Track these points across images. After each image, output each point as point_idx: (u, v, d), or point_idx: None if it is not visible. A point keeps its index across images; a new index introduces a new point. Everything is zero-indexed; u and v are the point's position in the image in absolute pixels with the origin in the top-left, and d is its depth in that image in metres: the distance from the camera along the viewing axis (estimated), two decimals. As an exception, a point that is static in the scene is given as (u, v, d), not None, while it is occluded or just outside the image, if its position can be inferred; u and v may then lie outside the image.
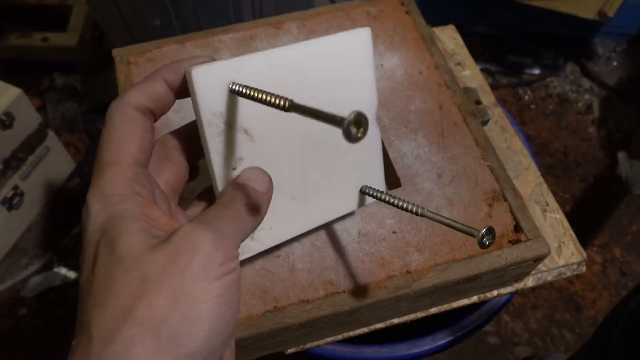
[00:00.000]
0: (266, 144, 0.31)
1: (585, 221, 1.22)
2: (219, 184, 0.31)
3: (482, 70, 1.44)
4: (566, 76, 1.47)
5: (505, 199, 0.46)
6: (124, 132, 0.27)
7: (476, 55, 1.47)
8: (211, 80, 0.28)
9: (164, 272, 0.23)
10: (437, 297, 0.45)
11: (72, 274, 1.07)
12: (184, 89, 0.29)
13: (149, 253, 0.23)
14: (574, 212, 1.23)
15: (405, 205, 0.34)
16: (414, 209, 0.33)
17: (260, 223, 0.29)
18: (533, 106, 1.40)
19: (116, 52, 0.54)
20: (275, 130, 0.31)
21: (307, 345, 0.45)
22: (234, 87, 0.28)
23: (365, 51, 0.35)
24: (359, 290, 0.40)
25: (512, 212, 0.45)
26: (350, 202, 0.38)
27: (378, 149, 0.39)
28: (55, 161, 1.16)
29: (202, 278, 0.23)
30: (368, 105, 0.36)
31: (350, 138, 0.21)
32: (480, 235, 0.30)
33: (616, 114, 1.40)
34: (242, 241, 0.27)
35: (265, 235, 0.34)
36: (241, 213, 0.27)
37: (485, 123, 0.57)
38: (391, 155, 0.48)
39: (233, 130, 0.30)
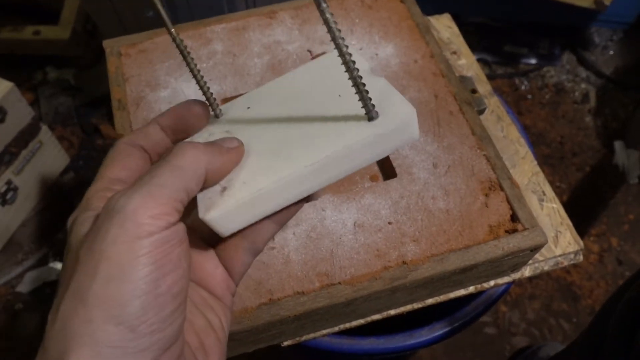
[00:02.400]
0: (246, 132, 0.31)
1: (582, 211, 1.22)
2: None
3: (478, 60, 1.43)
4: (562, 66, 1.46)
5: (502, 189, 0.45)
6: (110, 158, 0.29)
7: (472, 46, 1.46)
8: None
9: (88, 249, 0.23)
10: (434, 287, 0.44)
11: (67, 269, 1.07)
12: (180, 130, 0.31)
13: (84, 237, 0.24)
14: (570, 201, 1.23)
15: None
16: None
17: (203, 173, 0.26)
18: (529, 96, 1.40)
19: (107, 44, 0.54)
20: (254, 122, 0.32)
21: (304, 338, 0.44)
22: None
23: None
24: (355, 281, 0.40)
25: (508, 202, 0.45)
26: (355, 132, 0.29)
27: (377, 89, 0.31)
28: (49, 155, 1.15)
29: (122, 241, 0.23)
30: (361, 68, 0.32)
31: None
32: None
33: (613, 103, 1.39)
34: (182, 195, 0.25)
35: (237, 190, 0.28)
36: (173, 166, 0.25)
37: (481, 112, 0.57)
38: (386, 145, 0.47)
39: (216, 135, 0.31)
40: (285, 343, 0.44)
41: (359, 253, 0.41)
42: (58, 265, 1.07)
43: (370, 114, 0.29)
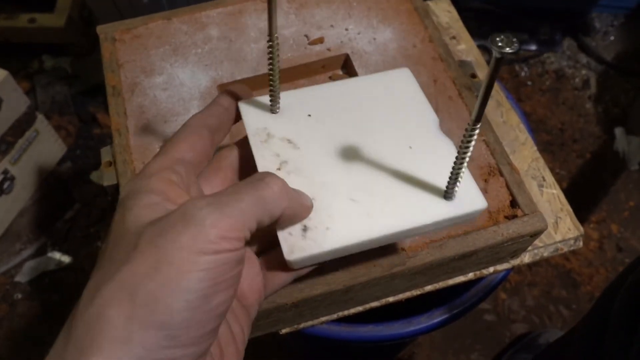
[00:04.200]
0: (311, 150, 0.33)
1: (582, 197, 1.22)
2: None
3: (478, 46, 1.42)
4: (563, 52, 1.45)
5: (502, 174, 0.45)
6: (181, 135, 0.30)
7: (472, 32, 1.44)
8: (255, 106, 0.34)
9: (151, 242, 0.23)
10: (433, 274, 0.44)
11: (66, 258, 1.06)
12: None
13: (148, 225, 0.24)
14: (570, 188, 1.23)
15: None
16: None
17: (279, 212, 0.27)
18: (529, 82, 1.39)
19: (100, 29, 0.53)
20: (318, 139, 0.34)
21: (302, 325, 0.44)
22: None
23: (412, 82, 0.39)
24: (353, 268, 0.39)
25: (508, 187, 0.44)
26: (432, 212, 0.32)
27: (449, 157, 0.33)
28: (46, 145, 1.14)
29: (189, 250, 0.23)
30: (430, 120, 0.37)
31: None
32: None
33: (613, 89, 1.38)
34: (254, 224, 0.25)
35: (321, 236, 0.30)
36: (258, 196, 0.26)
37: (480, 97, 0.56)
38: (385, 131, 0.47)
39: (276, 139, 0.33)
40: (284, 330, 0.44)
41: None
42: (57, 255, 1.06)
43: (451, 196, 0.32)
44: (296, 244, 0.29)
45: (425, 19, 0.53)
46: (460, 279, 0.48)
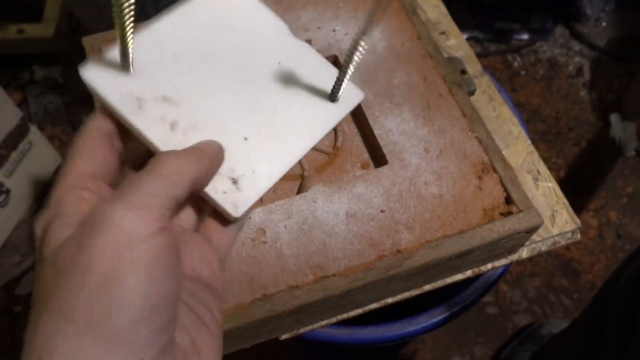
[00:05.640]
0: (192, 100, 0.30)
1: (579, 186, 1.21)
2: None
3: (470, 38, 1.42)
4: (555, 40, 1.44)
5: (495, 171, 0.44)
6: (78, 149, 0.27)
7: (463, 24, 1.45)
8: (103, 70, 0.29)
9: (72, 260, 0.22)
10: (430, 274, 0.44)
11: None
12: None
13: (63, 246, 0.23)
14: (568, 177, 1.22)
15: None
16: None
17: (190, 179, 0.26)
18: (523, 72, 1.38)
19: (86, 40, 0.52)
20: (191, 85, 0.31)
21: (301, 330, 0.44)
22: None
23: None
24: (349, 272, 0.39)
25: (502, 184, 0.44)
26: (327, 118, 0.34)
27: (314, 60, 0.36)
28: (40, 156, 1.13)
29: (109, 250, 0.22)
30: (281, 29, 0.36)
31: None
32: None
33: (607, 76, 1.38)
34: (168, 202, 0.24)
35: (252, 181, 0.30)
36: (157, 173, 0.25)
37: (471, 93, 0.56)
38: (376, 132, 0.46)
39: (149, 102, 0.29)
40: (284, 336, 0.44)
41: (352, 243, 0.40)
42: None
43: (336, 98, 0.34)
44: (237, 199, 0.29)
45: (413, 17, 0.53)
46: (459, 277, 0.48)
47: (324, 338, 0.47)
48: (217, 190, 0.29)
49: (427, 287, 0.46)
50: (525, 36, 1.44)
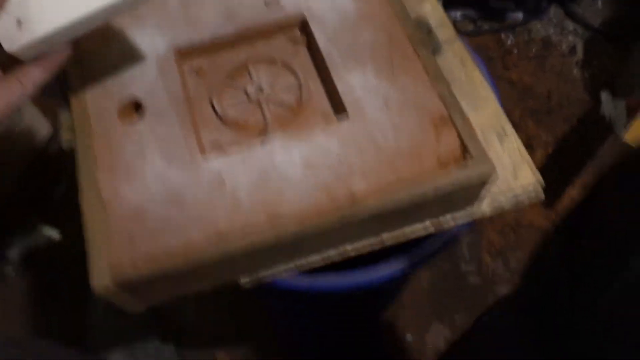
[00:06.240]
0: None
1: (569, 162, 1.22)
2: None
3: (463, 16, 1.42)
4: (550, 19, 1.44)
5: (454, 124, 0.46)
6: None
7: (457, 1, 1.45)
8: None
9: None
10: (387, 222, 0.45)
11: (57, 235, 1.09)
12: None
13: None
14: (557, 153, 1.23)
15: None
16: None
17: None
18: (515, 50, 1.38)
19: None
20: None
21: (261, 274, 0.46)
22: None
23: None
24: (303, 215, 0.41)
25: (459, 137, 0.45)
26: None
27: None
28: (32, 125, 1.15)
29: None
30: None
31: None
32: None
33: (600, 55, 1.38)
34: None
35: (36, 24, 0.34)
36: None
37: (435, 51, 0.57)
38: (340, 89, 0.48)
39: None
40: (243, 280, 0.46)
41: (308, 190, 0.42)
42: (48, 231, 1.08)
43: None
44: (14, 37, 0.34)
45: (382, -23, 0.54)
46: (419, 228, 0.49)
47: (283, 285, 0.49)
48: (1, 27, 0.34)
49: (387, 237, 0.48)
50: (519, 15, 1.43)
